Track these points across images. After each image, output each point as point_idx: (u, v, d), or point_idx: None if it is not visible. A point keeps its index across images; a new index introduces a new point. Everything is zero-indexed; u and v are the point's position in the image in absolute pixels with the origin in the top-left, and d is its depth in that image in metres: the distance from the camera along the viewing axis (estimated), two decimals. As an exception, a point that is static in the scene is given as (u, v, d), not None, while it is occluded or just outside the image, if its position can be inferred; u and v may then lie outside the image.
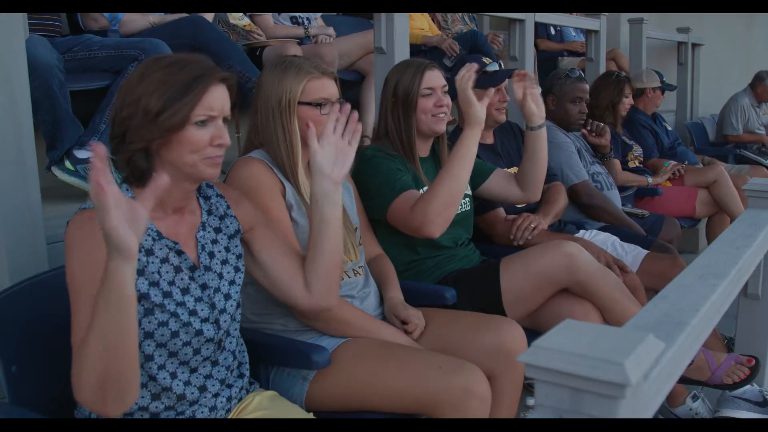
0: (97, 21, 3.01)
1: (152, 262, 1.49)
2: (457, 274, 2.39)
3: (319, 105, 1.92)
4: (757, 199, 2.19)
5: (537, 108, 2.50)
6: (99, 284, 1.25)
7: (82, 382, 1.27)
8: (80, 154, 2.48)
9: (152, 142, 1.43)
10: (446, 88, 2.45)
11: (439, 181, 2.14)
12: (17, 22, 1.94)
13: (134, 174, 1.48)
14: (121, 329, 1.24)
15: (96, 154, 1.13)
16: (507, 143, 3.14)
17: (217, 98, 1.48)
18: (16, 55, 1.92)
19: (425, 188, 2.38)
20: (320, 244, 1.68)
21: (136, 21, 3.04)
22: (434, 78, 2.41)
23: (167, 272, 1.51)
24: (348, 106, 1.69)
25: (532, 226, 2.73)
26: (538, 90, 2.53)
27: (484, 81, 2.80)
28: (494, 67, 2.87)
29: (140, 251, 1.46)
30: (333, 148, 1.66)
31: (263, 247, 1.71)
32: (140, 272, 1.46)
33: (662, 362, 1.01)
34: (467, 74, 2.18)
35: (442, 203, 2.12)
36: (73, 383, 1.30)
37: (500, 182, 2.65)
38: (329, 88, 1.95)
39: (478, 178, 2.60)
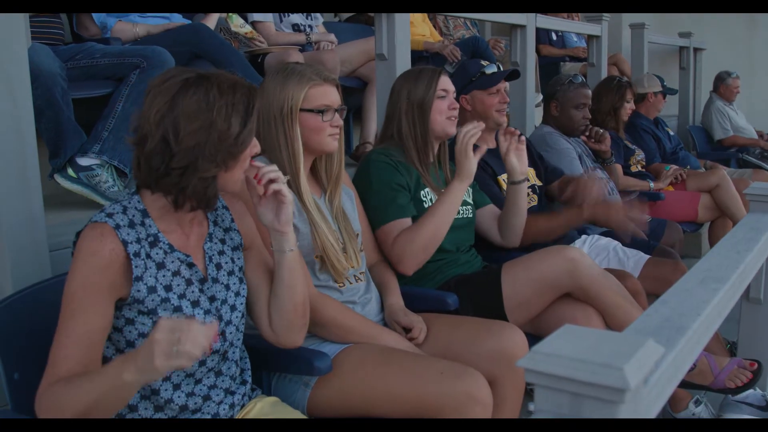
0: (88, 29, 3.02)
1: (163, 276, 1.49)
2: (458, 280, 2.39)
3: (321, 112, 1.93)
4: (758, 203, 2.19)
5: (519, 164, 2.54)
6: (92, 309, 1.38)
7: (63, 409, 1.34)
8: (83, 161, 2.49)
9: (225, 167, 1.46)
10: (455, 94, 2.53)
11: (421, 223, 2.23)
12: (19, 30, 1.94)
13: (202, 201, 1.48)
14: (114, 407, 1.36)
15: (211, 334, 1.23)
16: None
17: None
18: (19, 63, 1.93)
19: (426, 189, 2.39)
20: (280, 289, 1.65)
21: (126, 31, 3.06)
22: (447, 82, 2.49)
23: (178, 285, 1.51)
24: (256, 165, 1.59)
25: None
26: (523, 147, 2.57)
27: (483, 82, 2.83)
28: (492, 69, 2.89)
29: (152, 264, 1.48)
30: (269, 204, 1.60)
31: (252, 270, 1.70)
32: (152, 289, 1.47)
33: (662, 367, 1.01)
34: (474, 130, 2.28)
35: (420, 246, 2.23)
36: (42, 399, 1.37)
37: (486, 220, 2.66)
38: (331, 95, 1.95)
39: (476, 201, 2.64)
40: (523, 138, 2.58)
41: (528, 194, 2.77)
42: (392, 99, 2.50)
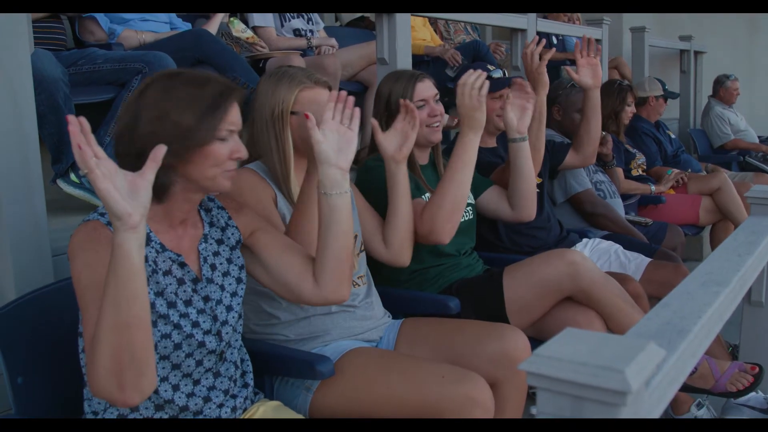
0: (94, 34, 3.02)
1: (155, 274, 1.50)
2: (460, 284, 2.39)
3: None
4: (759, 207, 2.19)
5: (518, 121, 2.49)
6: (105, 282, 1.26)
7: (97, 367, 1.26)
8: (85, 166, 2.49)
9: (180, 158, 1.44)
10: (438, 97, 2.46)
11: (443, 187, 2.17)
12: (23, 36, 1.96)
13: (155, 191, 1.49)
14: (133, 300, 1.25)
15: (71, 122, 1.17)
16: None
17: (237, 113, 1.51)
18: (22, 68, 1.94)
19: (427, 195, 2.40)
20: (330, 236, 1.64)
21: (130, 38, 3.07)
22: (426, 89, 2.42)
23: (170, 284, 1.52)
24: (344, 93, 1.67)
25: None
26: (530, 106, 2.51)
27: (489, 86, 2.83)
28: (498, 73, 2.90)
29: (144, 262, 1.47)
30: (335, 134, 1.63)
31: (266, 248, 1.69)
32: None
33: (664, 369, 1.01)
34: (479, 80, 2.17)
35: (449, 209, 2.16)
36: (88, 375, 1.30)
37: (492, 199, 2.64)
38: (322, 98, 1.92)
39: (476, 190, 2.62)
40: (530, 95, 2.50)
41: None
42: (375, 104, 2.48)
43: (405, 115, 2.09)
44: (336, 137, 1.63)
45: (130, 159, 1.44)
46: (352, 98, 1.66)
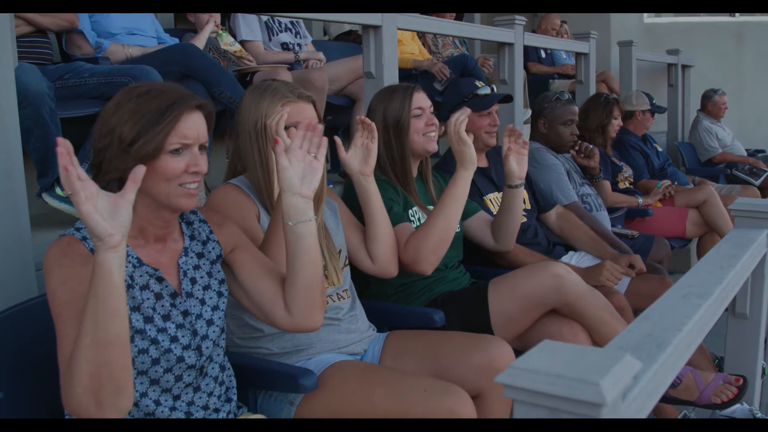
0: (81, 48, 3.02)
1: (132, 289, 1.49)
2: (445, 296, 2.39)
3: (295, 128, 1.91)
4: (743, 219, 2.20)
5: (518, 168, 2.53)
6: (82, 299, 1.27)
7: (74, 385, 1.26)
8: (70, 180, 2.48)
9: (127, 172, 1.36)
10: (432, 108, 2.50)
11: (432, 220, 2.20)
12: (6, 50, 1.95)
13: None
14: (113, 318, 1.25)
15: (60, 144, 1.18)
16: (500, 168, 3.15)
17: (192, 126, 1.48)
18: (6, 83, 1.93)
19: (415, 209, 2.40)
20: (298, 264, 1.60)
21: (117, 52, 3.07)
22: (422, 99, 2.46)
23: (147, 299, 1.51)
24: (314, 122, 1.64)
25: None
26: (525, 151, 2.54)
27: (476, 104, 2.84)
28: (486, 90, 2.91)
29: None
30: (301, 163, 1.58)
31: (243, 269, 1.67)
32: None
33: (642, 382, 1.01)
34: (461, 117, 2.23)
35: (436, 242, 2.19)
36: (64, 392, 1.29)
37: (479, 226, 2.67)
38: (305, 112, 1.93)
39: (464, 212, 2.62)
40: (526, 142, 2.54)
41: None
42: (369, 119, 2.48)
43: (363, 131, 2.12)
44: (301, 166, 1.58)
45: (94, 171, 1.46)
46: (320, 127, 1.61)
